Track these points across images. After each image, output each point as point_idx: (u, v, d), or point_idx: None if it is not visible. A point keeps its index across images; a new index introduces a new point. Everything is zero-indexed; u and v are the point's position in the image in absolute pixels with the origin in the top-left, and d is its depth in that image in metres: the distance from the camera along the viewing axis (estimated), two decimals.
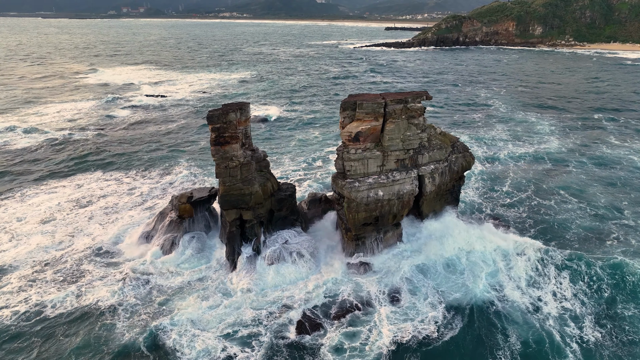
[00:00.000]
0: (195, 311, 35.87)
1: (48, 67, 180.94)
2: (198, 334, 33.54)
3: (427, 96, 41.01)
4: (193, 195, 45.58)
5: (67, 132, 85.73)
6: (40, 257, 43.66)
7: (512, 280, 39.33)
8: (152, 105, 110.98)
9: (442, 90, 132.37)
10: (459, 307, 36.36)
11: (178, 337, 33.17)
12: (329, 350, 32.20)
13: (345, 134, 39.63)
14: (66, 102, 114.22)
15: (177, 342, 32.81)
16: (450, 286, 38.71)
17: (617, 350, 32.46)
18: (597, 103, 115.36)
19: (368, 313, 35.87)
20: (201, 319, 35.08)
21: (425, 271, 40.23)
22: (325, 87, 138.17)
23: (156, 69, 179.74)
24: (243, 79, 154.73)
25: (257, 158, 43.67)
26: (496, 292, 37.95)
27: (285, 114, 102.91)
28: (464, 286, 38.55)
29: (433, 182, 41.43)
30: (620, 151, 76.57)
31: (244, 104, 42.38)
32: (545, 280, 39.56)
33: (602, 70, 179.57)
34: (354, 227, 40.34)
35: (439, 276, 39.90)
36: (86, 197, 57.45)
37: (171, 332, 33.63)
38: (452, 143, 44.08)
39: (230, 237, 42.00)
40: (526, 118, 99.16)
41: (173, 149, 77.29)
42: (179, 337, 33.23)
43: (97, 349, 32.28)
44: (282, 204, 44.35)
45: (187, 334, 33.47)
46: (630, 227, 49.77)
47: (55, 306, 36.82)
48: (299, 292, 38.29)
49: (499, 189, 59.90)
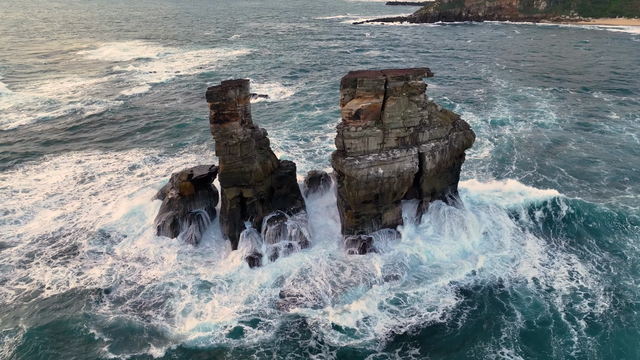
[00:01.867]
0: (194, 293, 36.35)
1: (51, 43, 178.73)
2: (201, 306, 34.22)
3: (429, 73, 40.57)
4: (193, 173, 45.58)
5: (67, 109, 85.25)
6: (39, 233, 44.10)
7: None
8: (153, 82, 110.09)
9: (444, 66, 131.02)
10: (463, 288, 36.89)
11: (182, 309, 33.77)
12: (328, 328, 32.74)
13: (345, 112, 39.35)
14: (65, 78, 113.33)
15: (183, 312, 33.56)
16: (448, 264, 39.16)
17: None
18: (599, 78, 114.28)
19: (365, 289, 36.27)
20: (201, 298, 35.57)
21: (424, 249, 40.56)
22: (326, 63, 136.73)
23: (156, 45, 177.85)
24: (244, 55, 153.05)
25: (257, 136, 43.48)
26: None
27: (286, 90, 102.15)
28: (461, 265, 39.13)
29: (433, 160, 41.32)
30: (620, 127, 76.13)
31: (243, 81, 41.98)
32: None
33: (606, 46, 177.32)
34: (353, 204, 40.42)
35: (436, 255, 40.31)
36: (88, 174, 57.52)
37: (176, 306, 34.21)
38: (453, 121, 43.79)
39: (231, 215, 42.15)
40: (527, 94, 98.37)
41: (174, 126, 76.93)
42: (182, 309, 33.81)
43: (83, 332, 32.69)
44: (282, 182, 44.36)
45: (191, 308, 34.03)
46: (630, 200, 50.14)
47: (53, 284, 37.19)
48: (297, 269, 38.75)
49: (508, 168, 59.64)
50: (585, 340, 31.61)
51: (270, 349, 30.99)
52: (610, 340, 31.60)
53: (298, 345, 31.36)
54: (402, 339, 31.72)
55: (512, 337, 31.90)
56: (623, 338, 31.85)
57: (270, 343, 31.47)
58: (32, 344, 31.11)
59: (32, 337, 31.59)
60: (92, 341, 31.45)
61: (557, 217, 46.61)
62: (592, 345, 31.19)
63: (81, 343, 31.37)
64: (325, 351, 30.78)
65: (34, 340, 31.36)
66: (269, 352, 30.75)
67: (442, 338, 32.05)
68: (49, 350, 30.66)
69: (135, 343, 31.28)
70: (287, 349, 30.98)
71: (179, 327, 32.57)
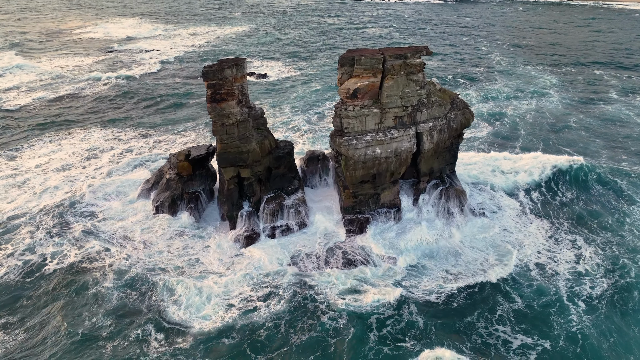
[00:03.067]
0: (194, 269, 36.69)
1: (45, 21, 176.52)
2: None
3: (427, 51, 40.09)
4: (191, 153, 45.51)
5: (66, 88, 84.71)
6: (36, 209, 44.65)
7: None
8: (153, 61, 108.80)
9: (446, 44, 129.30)
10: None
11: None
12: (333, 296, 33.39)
13: (343, 91, 39.07)
14: (65, 57, 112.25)
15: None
16: (442, 245, 39.48)
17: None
18: (601, 56, 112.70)
19: (364, 268, 36.70)
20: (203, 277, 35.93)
21: (419, 230, 40.78)
22: (326, 41, 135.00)
23: (157, 22, 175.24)
24: (242, 32, 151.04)
25: (254, 115, 43.26)
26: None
27: (285, 68, 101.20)
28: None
29: (431, 140, 41.16)
30: (620, 106, 75.60)
31: (240, 59, 41.57)
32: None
33: (609, 23, 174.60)
34: (351, 184, 40.46)
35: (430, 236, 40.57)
36: (88, 154, 57.61)
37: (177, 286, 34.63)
38: (452, 100, 43.46)
39: (229, 195, 42.25)
40: (528, 72, 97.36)
41: (173, 104, 76.54)
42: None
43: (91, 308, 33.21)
44: (280, 162, 44.27)
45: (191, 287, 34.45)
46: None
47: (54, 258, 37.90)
48: (295, 248, 39.09)
49: (512, 149, 59.53)
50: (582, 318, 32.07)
51: (277, 322, 31.72)
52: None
53: (304, 317, 32.23)
54: (396, 308, 32.61)
55: (507, 316, 32.36)
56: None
57: (274, 317, 32.11)
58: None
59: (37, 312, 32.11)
60: (92, 320, 31.94)
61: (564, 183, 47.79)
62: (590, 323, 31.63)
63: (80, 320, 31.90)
64: (333, 313, 32.01)
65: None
66: (277, 325, 31.51)
67: (438, 313, 32.61)
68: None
69: (134, 323, 31.62)
70: (294, 322, 31.82)
71: (178, 308, 32.77)
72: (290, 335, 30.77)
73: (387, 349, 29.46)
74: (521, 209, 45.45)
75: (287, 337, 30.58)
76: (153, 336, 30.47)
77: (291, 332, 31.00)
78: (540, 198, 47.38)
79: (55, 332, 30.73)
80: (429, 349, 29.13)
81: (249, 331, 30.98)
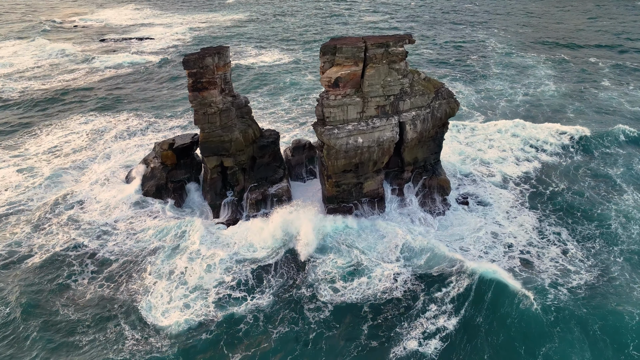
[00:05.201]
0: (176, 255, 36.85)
1: (50, 9, 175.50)
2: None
3: (410, 40, 39.72)
4: (175, 142, 45.48)
5: (60, 78, 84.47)
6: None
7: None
8: (148, 50, 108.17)
9: (442, 32, 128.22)
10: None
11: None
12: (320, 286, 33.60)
13: (324, 80, 38.80)
14: (57, 43, 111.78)
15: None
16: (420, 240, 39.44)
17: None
18: (600, 42, 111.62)
19: (347, 254, 36.93)
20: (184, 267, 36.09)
21: (402, 216, 40.86)
22: (323, 28, 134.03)
23: (147, 9, 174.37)
24: (238, 20, 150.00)
25: (238, 104, 43.12)
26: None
27: (280, 56, 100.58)
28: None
29: (414, 129, 40.96)
30: (612, 94, 75.06)
31: (222, 48, 41.31)
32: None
33: (611, 8, 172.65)
34: (333, 174, 40.38)
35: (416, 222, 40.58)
36: (76, 142, 57.67)
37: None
38: (436, 89, 43.15)
39: (212, 184, 42.31)
40: (524, 60, 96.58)
41: (166, 92, 76.28)
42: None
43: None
44: (265, 151, 44.22)
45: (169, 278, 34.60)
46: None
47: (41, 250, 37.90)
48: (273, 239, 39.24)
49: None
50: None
51: (256, 315, 31.52)
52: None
53: (288, 305, 32.32)
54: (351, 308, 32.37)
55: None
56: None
57: (254, 309, 31.96)
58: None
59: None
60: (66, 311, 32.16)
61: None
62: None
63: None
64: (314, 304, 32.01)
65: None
66: (256, 317, 31.35)
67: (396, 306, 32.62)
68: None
69: (109, 315, 31.56)
70: (277, 312, 31.84)
71: (155, 299, 32.56)
72: (271, 326, 30.73)
73: (370, 340, 29.55)
74: (512, 199, 45.34)
75: (267, 329, 30.46)
76: (128, 330, 30.18)
77: (271, 324, 30.95)
78: (530, 190, 47.23)
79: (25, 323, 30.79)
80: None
81: (227, 323, 30.79)
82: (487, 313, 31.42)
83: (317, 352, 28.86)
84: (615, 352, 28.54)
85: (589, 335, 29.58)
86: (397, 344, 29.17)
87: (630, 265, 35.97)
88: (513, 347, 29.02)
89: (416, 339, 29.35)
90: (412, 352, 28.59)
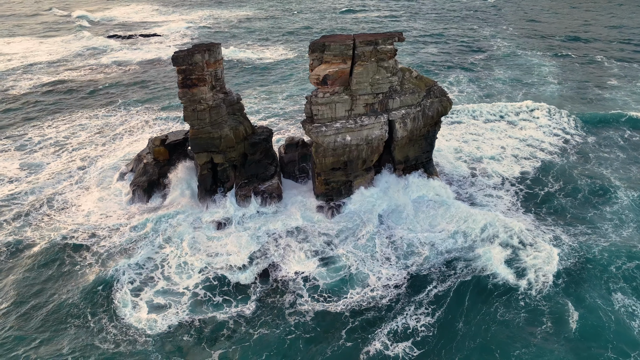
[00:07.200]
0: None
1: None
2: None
3: (400, 37, 39.50)
4: (168, 138, 45.78)
5: (65, 73, 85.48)
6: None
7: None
8: (155, 47, 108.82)
9: (447, 29, 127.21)
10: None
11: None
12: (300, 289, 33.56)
13: (313, 77, 38.79)
14: (65, 41, 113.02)
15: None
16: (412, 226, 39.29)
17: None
18: (609, 40, 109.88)
19: (333, 252, 36.89)
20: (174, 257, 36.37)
21: (392, 214, 40.68)
22: (330, 25, 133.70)
23: (154, 4, 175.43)
24: (245, 16, 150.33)
25: (229, 101, 43.26)
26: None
27: (285, 52, 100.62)
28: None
29: (404, 128, 40.78)
30: (618, 93, 73.85)
31: (213, 44, 41.47)
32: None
33: (625, 5, 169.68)
34: (322, 171, 40.42)
35: (406, 218, 40.39)
36: (81, 138, 58.38)
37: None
38: (428, 87, 42.87)
39: (202, 180, 42.52)
40: (530, 59, 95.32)
41: (167, 89, 76.76)
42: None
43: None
44: (256, 148, 44.26)
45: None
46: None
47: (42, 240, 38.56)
48: (265, 235, 39.20)
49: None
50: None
51: (237, 320, 31.16)
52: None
53: (274, 306, 32.25)
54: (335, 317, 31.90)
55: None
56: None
57: (237, 314, 31.61)
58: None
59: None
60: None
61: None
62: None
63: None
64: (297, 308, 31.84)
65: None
66: (237, 322, 31.05)
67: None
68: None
69: (93, 315, 31.59)
70: (261, 314, 31.67)
71: (139, 299, 32.52)
72: (252, 329, 30.54)
73: (351, 343, 29.43)
74: (508, 199, 44.93)
75: (248, 332, 30.19)
76: (110, 331, 30.20)
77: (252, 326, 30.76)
78: (525, 190, 46.72)
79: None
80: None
81: (207, 324, 30.65)
82: (467, 313, 31.25)
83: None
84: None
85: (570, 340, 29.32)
86: (371, 344, 29.00)
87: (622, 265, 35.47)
88: (490, 349, 28.78)
89: (391, 340, 29.20)
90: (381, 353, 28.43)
